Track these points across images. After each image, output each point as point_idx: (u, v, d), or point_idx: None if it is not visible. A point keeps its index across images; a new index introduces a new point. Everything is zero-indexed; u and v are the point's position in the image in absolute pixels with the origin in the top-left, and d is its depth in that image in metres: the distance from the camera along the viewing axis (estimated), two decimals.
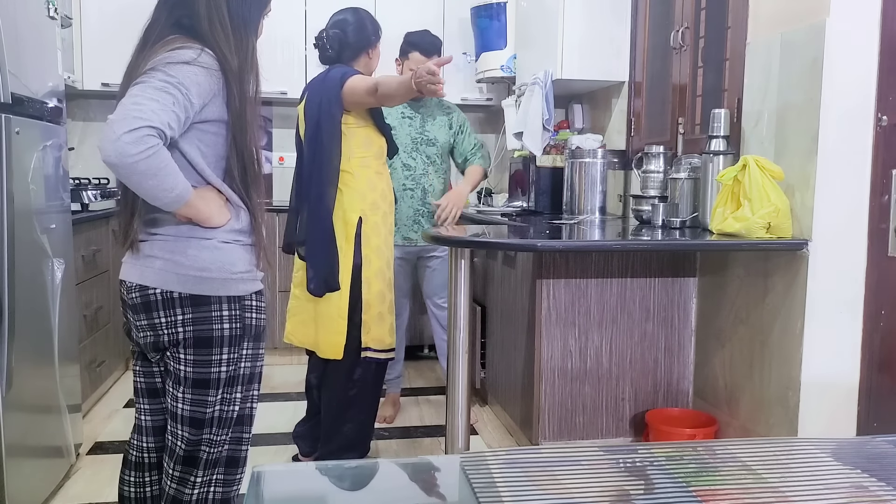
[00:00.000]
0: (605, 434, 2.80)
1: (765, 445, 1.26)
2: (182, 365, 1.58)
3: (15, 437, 2.24)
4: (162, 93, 1.43)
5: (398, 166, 3.25)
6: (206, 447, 1.62)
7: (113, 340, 3.73)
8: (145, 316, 1.57)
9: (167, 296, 1.55)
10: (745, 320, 2.51)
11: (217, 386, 1.60)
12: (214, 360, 1.58)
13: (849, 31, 2.15)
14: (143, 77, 1.46)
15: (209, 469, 1.63)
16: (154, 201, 1.47)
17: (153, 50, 1.53)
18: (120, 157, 1.38)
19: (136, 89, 1.44)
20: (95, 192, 3.59)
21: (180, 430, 1.61)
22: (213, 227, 1.57)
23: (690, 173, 2.65)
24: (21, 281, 2.29)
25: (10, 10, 2.29)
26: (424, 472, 1.21)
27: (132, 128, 1.38)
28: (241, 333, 1.61)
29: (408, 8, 4.34)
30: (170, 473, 1.63)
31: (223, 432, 1.63)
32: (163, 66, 1.46)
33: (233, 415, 1.64)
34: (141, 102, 1.41)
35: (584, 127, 3.99)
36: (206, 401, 1.60)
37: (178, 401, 1.60)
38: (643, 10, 3.41)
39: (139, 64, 1.52)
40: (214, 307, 1.57)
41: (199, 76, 1.49)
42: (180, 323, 1.55)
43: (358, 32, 2.61)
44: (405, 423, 3.37)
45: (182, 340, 1.56)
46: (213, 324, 1.57)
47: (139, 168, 1.39)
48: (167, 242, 1.56)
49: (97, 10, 4.17)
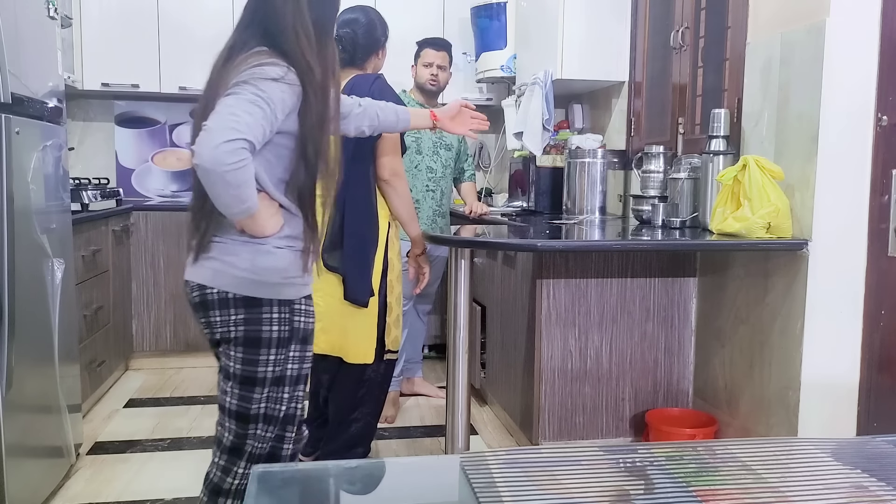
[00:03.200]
0: (605, 434, 2.80)
1: (765, 445, 1.26)
2: (232, 361, 1.66)
3: (15, 437, 2.24)
4: (254, 106, 1.50)
5: (423, 169, 3.42)
6: (252, 441, 1.70)
7: (113, 340, 3.73)
8: (203, 314, 1.67)
9: (223, 295, 1.63)
10: (745, 320, 2.51)
11: (263, 384, 1.66)
12: (262, 359, 1.65)
13: (849, 31, 2.15)
14: (235, 89, 1.52)
15: (252, 462, 1.70)
16: (225, 209, 1.54)
17: (239, 61, 1.59)
18: (215, 164, 1.45)
19: (230, 100, 1.50)
20: (95, 192, 3.59)
21: (227, 422, 1.70)
22: (266, 235, 1.63)
23: (690, 173, 2.65)
24: (21, 281, 2.29)
25: (10, 10, 2.29)
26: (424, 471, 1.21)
27: (230, 138, 1.45)
28: (290, 336, 1.67)
29: (408, 8, 4.34)
30: (215, 462, 1.72)
31: (269, 429, 1.71)
32: (254, 81, 1.52)
33: (279, 413, 1.71)
34: (237, 114, 1.48)
35: (584, 127, 3.99)
36: (252, 397, 1.66)
37: (227, 395, 1.68)
38: (643, 10, 3.41)
39: (226, 75, 1.58)
40: (265, 309, 1.64)
41: (284, 93, 1.56)
42: (233, 322, 1.63)
43: (368, 34, 2.60)
44: (405, 423, 3.37)
45: (233, 339, 1.64)
46: (262, 325, 1.64)
47: (227, 178, 1.46)
48: (225, 245, 1.63)
49: (97, 10, 4.17)
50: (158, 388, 3.85)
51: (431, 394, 3.69)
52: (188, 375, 4.08)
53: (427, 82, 3.46)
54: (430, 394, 3.69)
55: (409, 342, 3.53)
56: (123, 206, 3.94)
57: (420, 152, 3.41)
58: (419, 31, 3.73)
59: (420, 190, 3.41)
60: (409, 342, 3.53)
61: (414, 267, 2.61)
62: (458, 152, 3.61)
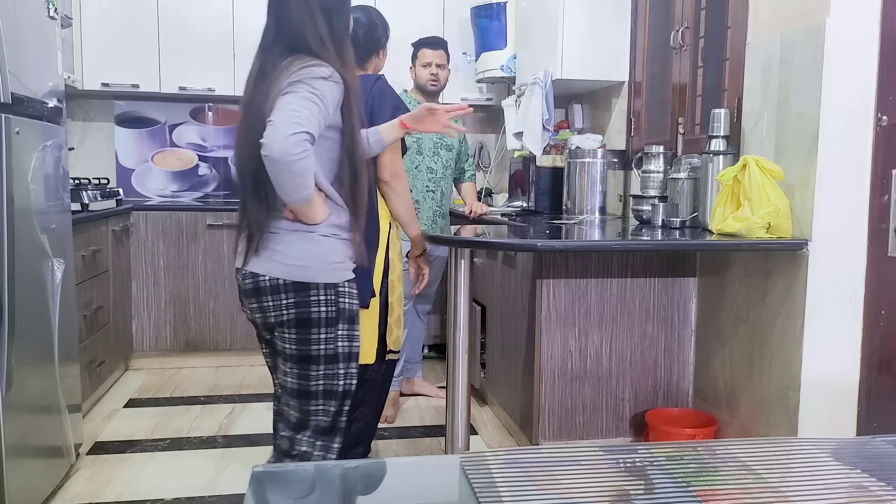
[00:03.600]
0: (605, 434, 2.80)
1: (765, 445, 1.26)
2: (287, 343, 1.81)
3: (15, 437, 2.24)
4: (310, 102, 1.66)
5: (423, 169, 3.42)
6: (314, 416, 1.85)
7: (113, 340, 3.73)
8: (256, 300, 1.82)
9: (274, 282, 1.78)
10: (745, 320, 2.51)
11: (318, 362, 1.81)
12: (313, 338, 1.80)
13: (849, 31, 2.15)
14: (291, 88, 1.67)
15: (318, 435, 1.86)
16: (287, 196, 1.69)
17: (282, 68, 1.72)
18: (283, 154, 1.60)
19: (289, 98, 1.65)
20: (95, 192, 3.59)
21: (291, 400, 1.85)
22: (314, 223, 1.77)
23: (690, 173, 2.65)
24: (21, 281, 2.29)
25: (10, 10, 2.29)
26: (424, 471, 1.21)
27: (295, 131, 1.60)
28: (336, 316, 1.82)
29: (408, 8, 4.34)
30: (281, 435, 1.90)
31: (330, 403, 1.85)
32: (307, 80, 1.68)
33: (338, 388, 1.85)
34: (298, 110, 1.63)
35: (584, 127, 3.99)
36: (310, 375, 1.81)
37: (287, 375, 1.84)
38: (643, 10, 3.41)
39: (272, 84, 1.71)
40: (312, 292, 1.78)
41: (332, 90, 1.72)
42: (284, 306, 1.78)
43: (369, 34, 2.60)
44: (405, 423, 3.37)
45: (286, 321, 1.79)
46: (311, 307, 1.78)
47: (293, 167, 1.61)
48: (276, 236, 1.79)
49: (97, 10, 4.17)
50: (158, 388, 3.85)
51: (431, 394, 3.69)
52: (188, 375, 4.08)
53: (428, 83, 3.45)
54: (430, 394, 3.69)
55: (409, 342, 3.53)
56: (123, 206, 3.94)
57: (421, 153, 3.41)
58: (419, 32, 3.73)
59: (420, 190, 3.41)
60: (409, 342, 3.53)
61: (414, 268, 2.61)
62: (459, 153, 3.60)
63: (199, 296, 4.19)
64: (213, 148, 4.73)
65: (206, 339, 4.21)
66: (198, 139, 4.71)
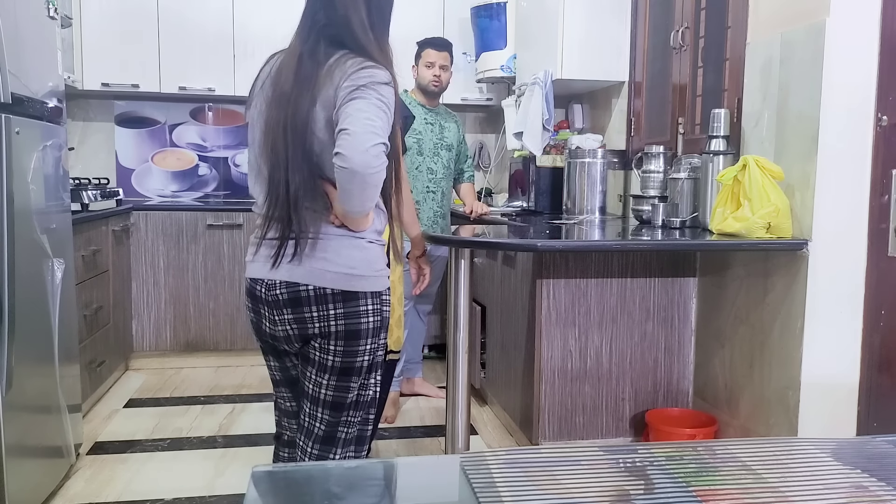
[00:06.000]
0: (605, 434, 2.80)
1: (765, 445, 1.26)
2: (330, 355, 1.70)
3: (15, 437, 2.24)
4: (381, 111, 1.56)
5: (423, 170, 3.42)
6: (344, 428, 1.76)
7: (113, 340, 3.74)
8: (292, 310, 1.68)
9: (320, 292, 1.65)
10: (745, 320, 2.51)
11: (359, 373, 1.73)
12: (360, 350, 1.71)
13: (849, 31, 2.15)
14: (358, 93, 1.56)
15: (346, 447, 1.78)
16: (356, 206, 1.58)
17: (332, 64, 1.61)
18: (365, 166, 1.50)
19: (361, 104, 1.54)
20: (95, 192, 3.59)
21: (320, 412, 1.74)
22: (363, 230, 1.68)
23: (690, 173, 2.65)
24: (21, 281, 2.29)
25: (10, 10, 2.29)
26: (424, 471, 1.21)
27: (375, 143, 1.52)
28: (380, 325, 1.74)
29: (408, 8, 4.34)
30: (307, 451, 1.78)
31: (359, 414, 1.77)
32: (374, 86, 1.57)
33: (368, 399, 1.78)
34: (373, 119, 1.54)
35: (584, 127, 3.99)
36: (349, 387, 1.73)
37: (321, 387, 1.73)
38: (643, 10, 3.41)
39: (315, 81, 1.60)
40: (361, 302, 1.69)
41: (393, 96, 1.62)
42: (332, 317, 1.67)
43: None
44: (405, 423, 3.37)
45: (334, 332, 1.68)
46: (360, 318, 1.69)
47: (370, 179, 1.52)
48: (321, 241, 1.65)
49: (97, 10, 4.17)
50: (158, 388, 3.85)
51: (431, 394, 3.69)
52: (188, 375, 4.08)
53: (430, 83, 3.45)
54: (430, 394, 3.69)
55: (409, 342, 3.53)
56: (123, 206, 3.94)
57: (421, 153, 3.41)
58: (419, 31, 3.73)
59: (421, 191, 3.41)
60: (409, 342, 3.53)
61: (414, 268, 2.61)
62: (458, 153, 3.61)
63: (199, 296, 4.19)
64: (213, 148, 4.73)
65: (206, 339, 4.21)
66: (198, 139, 4.71)
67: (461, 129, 3.62)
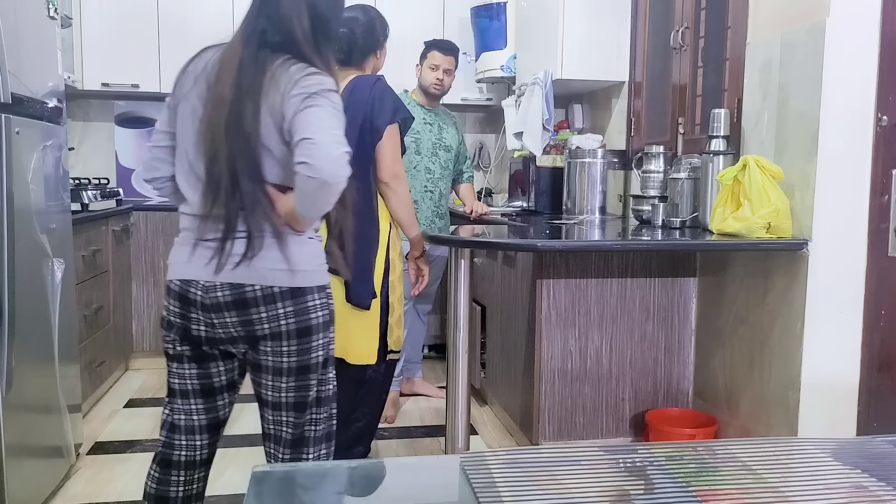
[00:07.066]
0: (605, 434, 2.80)
1: (765, 445, 1.26)
2: (285, 357, 1.68)
3: (15, 437, 2.24)
4: (339, 121, 1.58)
5: (421, 169, 3.42)
6: (311, 426, 1.76)
7: (113, 340, 3.73)
8: (237, 312, 1.64)
9: (267, 291, 1.63)
10: (745, 320, 2.51)
11: (316, 370, 1.72)
12: (313, 345, 1.70)
13: (849, 31, 2.15)
14: (312, 101, 1.56)
15: (317, 445, 1.78)
16: (314, 212, 1.60)
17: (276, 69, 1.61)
18: (334, 176, 1.51)
19: (319, 112, 1.55)
20: (95, 192, 3.59)
21: (285, 416, 1.73)
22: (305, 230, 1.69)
23: (690, 173, 2.65)
24: (21, 281, 2.29)
25: (10, 10, 2.29)
26: (424, 471, 1.21)
27: (342, 152, 1.52)
28: (329, 319, 1.74)
29: (408, 8, 4.35)
30: (280, 458, 1.77)
31: (322, 410, 1.77)
32: (324, 94, 1.58)
33: (330, 393, 1.78)
34: (336, 128, 1.55)
35: (584, 127, 3.99)
36: (309, 385, 1.72)
37: (281, 391, 1.71)
38: (643, 10, 3.41)
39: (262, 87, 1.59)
40: (309, 297, 1.68)
41: (341, 103, 1.64)
42: (282, 315, 1.65)
43: (367, 34, 2.55)
44: (405, 423, 3.37)
45: (285, 332, 1.66)
46: (310, 313, 1.68)
47: (337, 187, 1.53)
48: (265, 240, 1.63)
49: (97, 10, 4.17)
50: (158, 388, 3.84)
51: (431, 394, 3.69)
52: None
53: (432, 86, 3.44)
54: (430, 394, 3.69)
55: (409, 342, 3.52)
56: (123, 206, 3.94)
57: (419, 153, 3.41)
58: (419, 31, 3.73)
59: (419, 191, 3.41)
60: (409, 342, 3.52)
61: (413, 269, 2.61)
62: (458, 154, 3.60)
63: None
64: None
65: None
66: None
67: (460, 131, 3.61)
